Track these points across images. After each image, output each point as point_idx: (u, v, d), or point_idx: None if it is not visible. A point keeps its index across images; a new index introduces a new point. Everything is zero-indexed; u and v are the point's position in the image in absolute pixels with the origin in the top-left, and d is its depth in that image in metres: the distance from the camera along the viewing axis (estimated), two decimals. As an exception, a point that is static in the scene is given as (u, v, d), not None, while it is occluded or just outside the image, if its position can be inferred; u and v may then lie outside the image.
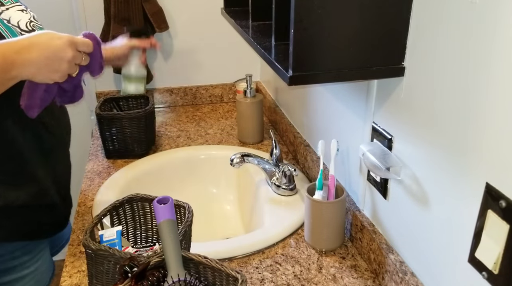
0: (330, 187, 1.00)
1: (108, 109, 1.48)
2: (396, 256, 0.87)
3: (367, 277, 0.93)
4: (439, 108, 0.70)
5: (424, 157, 0.75)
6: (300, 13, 0.70)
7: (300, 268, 0.96)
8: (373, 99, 0.90)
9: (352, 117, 1.00)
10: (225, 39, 1.77)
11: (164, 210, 0.75)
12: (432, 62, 0.71)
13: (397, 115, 0.83)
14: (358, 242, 1.00)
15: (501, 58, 0.57)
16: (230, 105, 1.83)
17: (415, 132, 0.77)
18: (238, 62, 1.82)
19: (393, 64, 0.78)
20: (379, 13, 0.73)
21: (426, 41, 0.72)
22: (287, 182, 1.18)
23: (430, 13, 0.70)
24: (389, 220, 0.90)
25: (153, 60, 1.76)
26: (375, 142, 0.90)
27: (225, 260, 0.98)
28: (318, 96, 1.21)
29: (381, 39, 0.75)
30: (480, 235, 0.63)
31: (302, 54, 0.73)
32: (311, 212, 0.99)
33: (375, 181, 0.93)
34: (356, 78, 0.79)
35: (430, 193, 0.75)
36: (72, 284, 0.92)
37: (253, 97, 1.46)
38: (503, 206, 0.58)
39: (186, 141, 1.52)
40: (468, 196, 0.66)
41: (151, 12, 1.61)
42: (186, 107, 1.82)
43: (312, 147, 1.28)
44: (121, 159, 1.40)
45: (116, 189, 1.22)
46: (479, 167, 0.63)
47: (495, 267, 0.60)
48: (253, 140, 1.49)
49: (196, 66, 1.80)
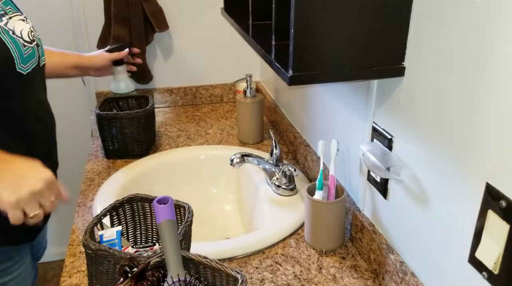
0: (330, 187, 1.00)
1: (108, 109, 1.48)
2: (396, 256, 0.87)
3: (367, 277, 0.93)
4: (439, 108, 0.70)
5: (424, 157, 0.75)
6: (300, 13, 0.70)
7: (300, 268, 0.96)
8: (373, 99, 0.90)
9: (352, 117, 1.00)
10: (225, 39, 1.77)
11: (164, 210, 0.74)
12: (432, 62, 0.71)
13: (397, 115, 0.83)
14: (358, 242, 1.00)
15: (501, 58, 0.57)
16: (230, 105, 1.83)
17: (415, 132, 0.77)
18: (238, 62, 1.82)
19: (393, 64, 0.78)
20: (379, 13, 0.73)
21: (426, 41, 0.72)
22: (287, 182, 1.18)
23: (430, 13, 0.70)
24: (389, 220, 0.90)
25: (153, 60, 1.76)
26: (375, 142, 0.90)
27: (225, 260, 0.98)
28: (318, 96, 1.21)
29: (381, 39, 0.75)
30: (480, 235, 0.63)
31: (302, 54, 0.73)
32: (311, 212, 0.99)
33: (375, 181, 0.93)
34: (356, 78, 0.80)
35: (430, 193, 0.75)
36: (72, 284, 0.92)
37: (253, 97, 1.46)
38: (503, 206, 0.58)
39: (186, 141, 1.52)
40: (468, 196, 0.65)
41: (151, 12, 1.61)
42: (186, 107, 1.82)
43: (312, 147, 1.28)
44: (121, 159, 1.40)
45: (116, 189, 1.22)
46: (479, 167, 0.63)
47: (495, 267, 0.60)
48: (253, 141, 1.49)
49: (196, 66, 1.80)
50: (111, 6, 1.56)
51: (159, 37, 1.71)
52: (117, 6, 1.55)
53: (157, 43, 1.73)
